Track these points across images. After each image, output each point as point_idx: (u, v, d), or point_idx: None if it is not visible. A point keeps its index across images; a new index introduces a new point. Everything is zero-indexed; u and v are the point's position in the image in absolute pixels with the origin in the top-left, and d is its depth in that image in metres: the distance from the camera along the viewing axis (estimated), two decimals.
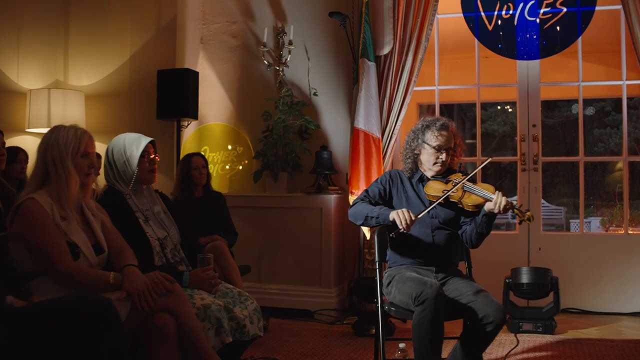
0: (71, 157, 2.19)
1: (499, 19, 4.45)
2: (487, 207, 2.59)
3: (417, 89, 4.43)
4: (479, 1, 4.49)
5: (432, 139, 2.78)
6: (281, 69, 4.79)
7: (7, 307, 1.78)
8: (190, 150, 4.73)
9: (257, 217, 4.54)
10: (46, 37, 4.97)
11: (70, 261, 2.08)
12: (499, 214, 2.60)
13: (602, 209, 9.90)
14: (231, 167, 4.93)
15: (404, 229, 2.56)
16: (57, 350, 1.71)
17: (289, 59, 4.75)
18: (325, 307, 4.29)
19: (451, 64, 5.81)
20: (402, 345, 2.89)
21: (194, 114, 4.61)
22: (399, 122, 4.31)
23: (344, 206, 4.38)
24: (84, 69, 5.12)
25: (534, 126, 4.49)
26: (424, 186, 2.81)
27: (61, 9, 5.11)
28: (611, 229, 8.11)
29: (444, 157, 2.78)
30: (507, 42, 4.45)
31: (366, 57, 4.20)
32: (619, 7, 4.15)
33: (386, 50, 4.31)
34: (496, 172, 11.33)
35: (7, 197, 3.12)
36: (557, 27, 4.36)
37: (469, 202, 2.64)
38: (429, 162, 2.81)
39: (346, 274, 4.52)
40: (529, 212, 2.51)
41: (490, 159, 2.93)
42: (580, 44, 4.40)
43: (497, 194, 2.57)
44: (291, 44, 4.68)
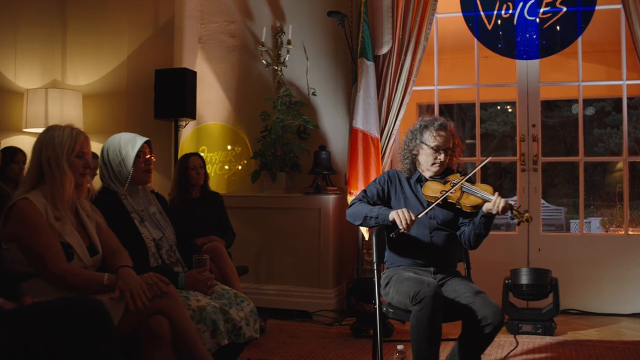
0: (66, 157, 2.17)
1: (498, 19, 4.44)
2: (486, 208, 2.57)
3: (416, 88, 4.41)
4: (478, 1, 4.47)
5: (430, 139, 2.76)
6: (280, 69, 4.77)
7: None
8: (188, 150, 4.71)
9: (255, 217, 4.53)
10: (43, 37, 4.95)
11: (63, 262, 2.06)
12: (498, 215, 2.58)
13: (602, 209, 9.88)
14: (229, 167, 4.91)
15: (404, 229, 2.54)
16: (48, 352, 1.69)
17: (287, 58, 4.73)
18: (323, 308, 4.27)
19: (450, 64, 5.80)
20: (400, 347, 2.87)
21: (191, 114, 4.60)
22: (398, 122, 4.29)
23: (343, 206, 4.37)
24: (82, 68, 5.10)
25: (534, 126, 4.47)
26: (422, 187, 2.78)
27: (58, 9, 5.09)
28: (611, 230, 8.09)
29: (442, 157, 2.76)
30: (506, 41, 4.43)
31: (365, 56, 4.19)
32: (619, 7, 4.13)
33: (385, 49, 4.30)
34: (496, 172, 11.31)
35: (2, 197, 3.11)
36: (557, 27, 4.34)
37: (467, 203, 2.62)
38: (427, 163, 2.79)
39: (345, 275, 4.50)
40: (527, 213, 2.49)
41: (489, 158, 2.92)
42: (580, 44, 4.38)
43: (496, 194, 2.55)
44: (290, 43, 4.66)
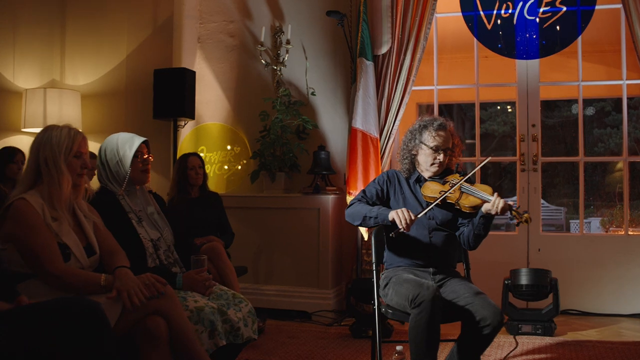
0: (64, 157, 2.16)
1: (498, 18, 4.43)
2: (485, 208, 2.55)
3: (415, 88, 4.40)
4: (478, 0, 4.46)
5: (429, 139, 2.75)
6: (279, 69, 4.76)
7: None
8: (187, 150, 4.70)
9: (254, 217, 4.52)
10: (42, 37, 4.95)
11: (60, 263, 2.05)
12: (497, 216, 2.57)
13: (602, 209, 9.86)
14: (228, 167, 4.90)
15: (404, 229, 2.53)
16: (45, 353, 1.68)
17: (286, 58, 4.72)
18: (322, 308, 4.26)
19: (450, 64, 5.79)
20: (399, 347, 2.86)
21: (190, 114, 4.59)
22: (397, 122, 4.28)
23: (342, 207, 4.36)
24: (81, 68, 5.09)
25: (534, 126, 4.46)
26: (421, 187, 2.77)
27: (58, 8, 5.08)
28: (611, 230, 8.08)
29: (441, 157, 2.74)
30: (506, 41, 4.42)
31: (364, 56, 4.18)
32: (619, 6, 4.12)
33: (384, 49, 4.29)
34: (496, 173, 11.30)
35: (0, 198, 3.10)
36: (557, 27, 4.33)
37: (466, 203, 2.61)
38: (426, 163, 2.77)
39: (344, 275, 4.49)
40: (526, 214, 2.48)
41: (488, 158, 2.91)
42: (580, 44, 4.37)
43: (495, 195, 2.54)
44: (289, 43, 4.65)
